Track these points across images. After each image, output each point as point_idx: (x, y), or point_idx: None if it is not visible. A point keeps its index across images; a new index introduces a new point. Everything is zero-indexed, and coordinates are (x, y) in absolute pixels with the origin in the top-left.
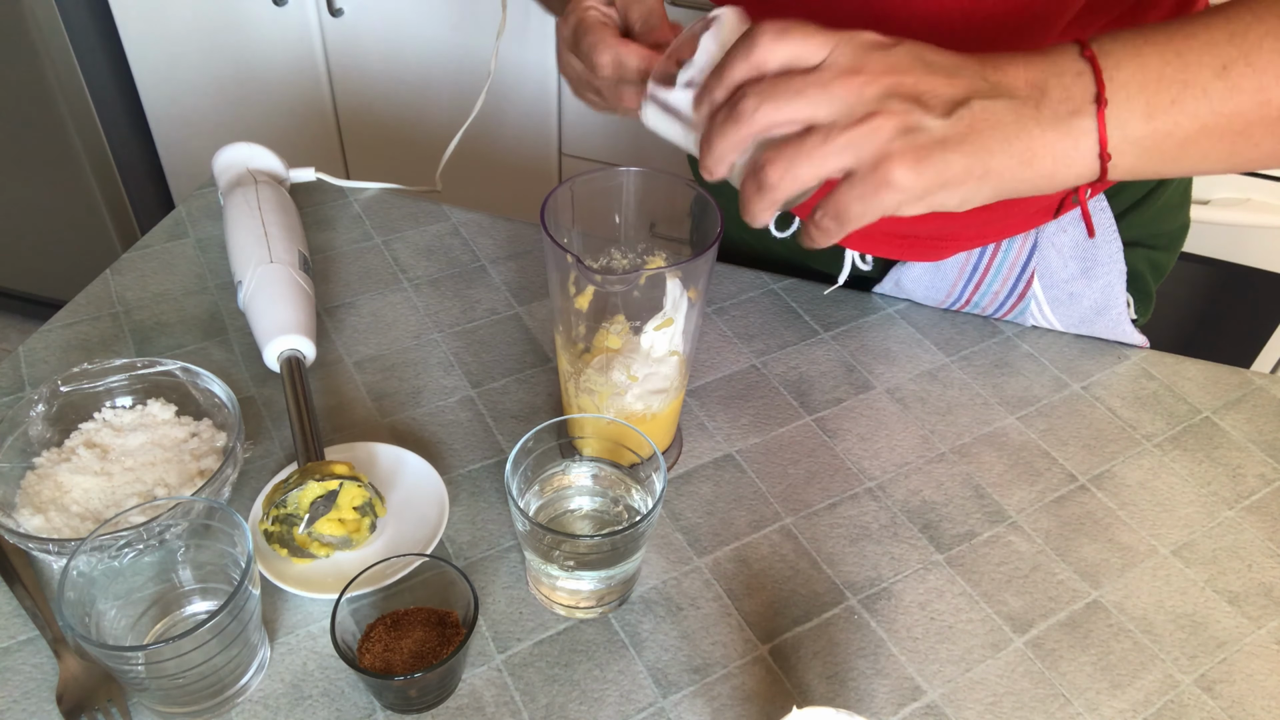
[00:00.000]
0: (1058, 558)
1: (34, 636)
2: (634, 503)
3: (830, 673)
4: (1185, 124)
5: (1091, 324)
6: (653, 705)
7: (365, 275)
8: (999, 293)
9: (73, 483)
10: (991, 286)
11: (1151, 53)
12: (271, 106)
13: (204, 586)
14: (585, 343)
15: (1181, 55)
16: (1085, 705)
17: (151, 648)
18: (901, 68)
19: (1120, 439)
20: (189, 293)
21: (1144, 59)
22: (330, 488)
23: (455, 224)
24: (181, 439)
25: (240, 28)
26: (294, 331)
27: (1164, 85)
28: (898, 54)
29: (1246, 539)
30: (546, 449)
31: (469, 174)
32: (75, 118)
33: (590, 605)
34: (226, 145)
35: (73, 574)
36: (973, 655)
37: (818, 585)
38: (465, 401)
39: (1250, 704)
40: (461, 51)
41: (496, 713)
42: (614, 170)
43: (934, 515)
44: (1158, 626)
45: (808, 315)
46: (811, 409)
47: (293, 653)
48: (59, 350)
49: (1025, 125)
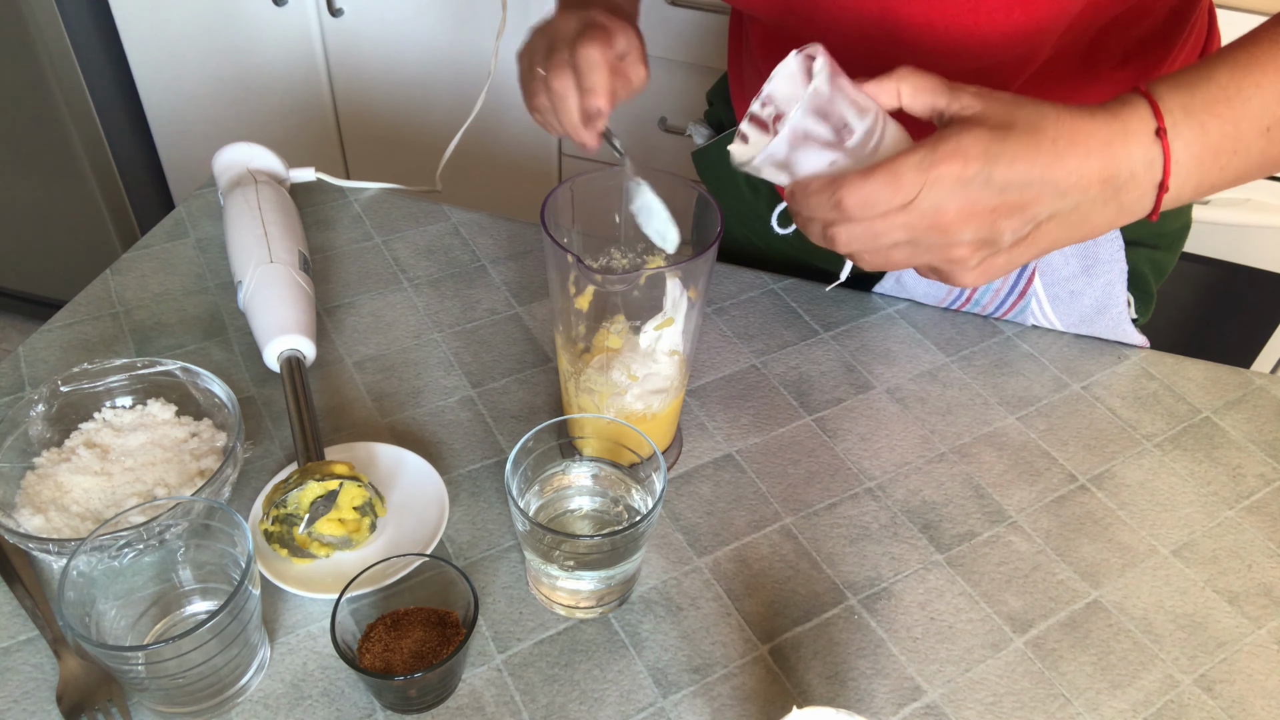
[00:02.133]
0: (1058, 558)
1: (34, 636)
2: (634, 503)
3: (830, 673)
4: (1226, 181)
5: (1092, 323)
6: (653, 705)
7: (365, 275)
8: (1000, 290)
9: (73, 483)
10: (993, 284)
11: (1214, 126)
12: (271, 106)
13: (204, 586)
14: (585, 342)
15: (1238, 125)
16: (1085, 705)
17: (151, 648)
18: (979, 207)
19: (1120, 439)
20: (189, 293)
21: (1207, 133)
22: (330, 488)
23: (455, 224)
24: (181, 439)
25: (240, 28)
26: (294, 331)
27: (1219, 157)
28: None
29: (1246, 539)
30: (546, 449)
31: (469, 174)
32: (75, 118)
33: (590, 605)
34: (226, 145)
35: (73, 574)
36: (973, 655)
37: (818, 585)
38: (465, 401)
39: (1250, 704)
40: (461, 51)
41: (496, 713)
42: (614, 170)
43: (934, 515)
44: (1158, 626)
45: (808, 315)
46: (811, 409)
47: (293, 653)
48: (59, 350)
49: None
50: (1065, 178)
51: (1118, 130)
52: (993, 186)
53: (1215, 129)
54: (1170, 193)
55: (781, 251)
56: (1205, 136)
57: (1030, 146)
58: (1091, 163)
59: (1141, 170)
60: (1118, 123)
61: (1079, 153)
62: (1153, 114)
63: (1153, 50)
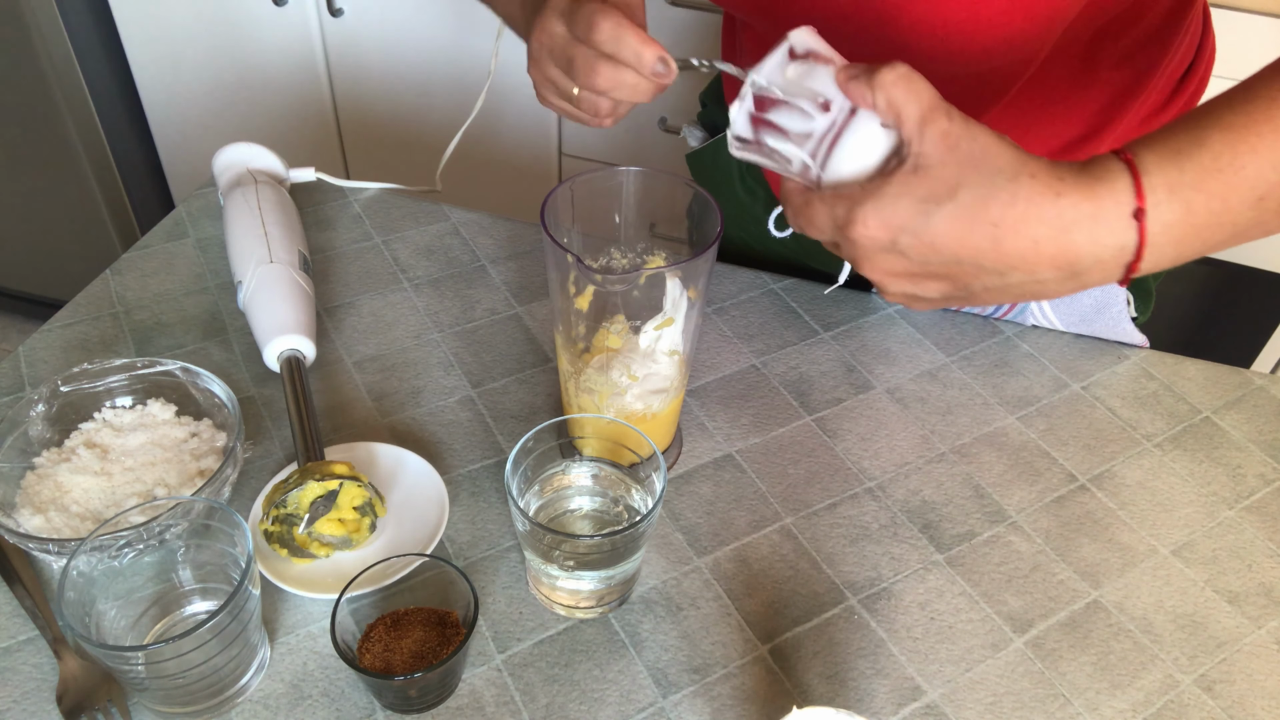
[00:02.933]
0: (1058, 558)
1: (34, 636)
2: (634, 503)
3: (830, 673)
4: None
5: (1091, 322)
6: (653, 705)
7: (365, 275)
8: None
9: (73, 483)
10: None
11: (1201, 204)
12: (271, 106)
13: (204, 586)
14: (585, 342)
15: (1227, 200)
16: (1085, 705)
17: (151, 648)
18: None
19: (1120, 439)
20: (189, 293)
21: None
22: (330, 488)
23: (455, 224)
24: (181, 439)
25: (240, 28)
26: (294, 331)
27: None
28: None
29: (1246, 539)
30: (546, 449)
31: (469, 174)
32: (75, 118)
33: (590, 605)
34: (226, 145)
35: (73, 574)
36: (973, 655)
37: (818, 585)
38: (465, 401)
39: (1250, 704)
40: (461, 51)
41: (496, 713)
42: (614, 170)
43: (934, 515)
44: (1158, 626)
45: (808, 315)
46: (811, 409)
47: (293, 653)
48: (59, 350)
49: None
50: (999, 261)
51: (1086, 213)
52: (911, 258)
53: (1202, 206)
54: (1141, 270)
55: (779, 254)
56: (1190, 216)
57: (963, 225)
58: (1043, 249)
59: (1109, 257)
60: (1088, 204)
61: (1024, 240)
62: (1133, 192)
63: (1149, 51)
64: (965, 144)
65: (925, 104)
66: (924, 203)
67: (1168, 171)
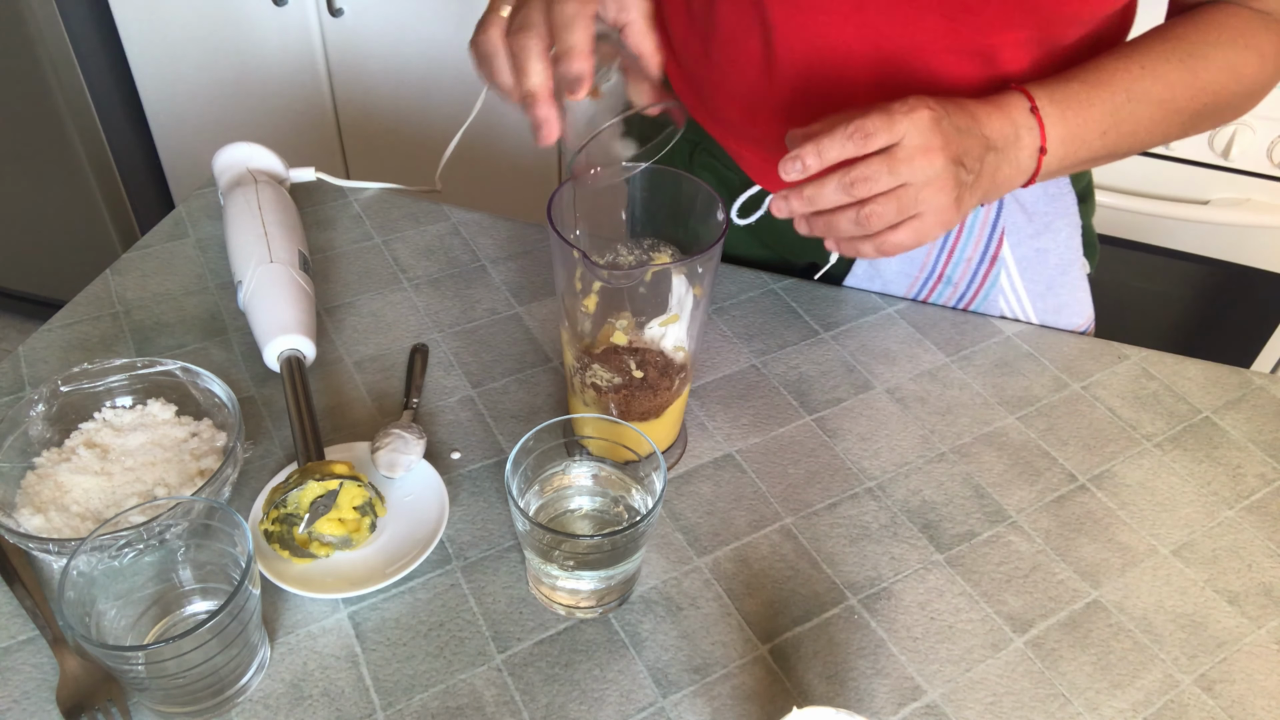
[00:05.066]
0: (1058, 558)
1: (34, 636)
2: (634, 502)
3: (830, 673)
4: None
5: (1058, 289)
6: (653, 705)
7: (365, 275)
8: (972, 259)
9: (73, 483)
10: (964, 254)
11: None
12: (271, 106)
13: (204, 586)
14: (591, 338)
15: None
16: (1085, 705)
17: (151, 648)
18: (950, 140)
19: (1120, 439)
20: (189, 293)
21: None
22: (330, 487)
23: (455, 224)
24: (181, 439)
25: (240, 28)
26: (294, 331)
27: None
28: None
29: (1246, 539)
30: (547, 448)
31: (469, 174)
32: (75, 118)
33: (590, 605)
34: (226, 145)
35: (73, 574)
36: (973, 655)
37: (818, 585)
38: (465, 401)
39: (1250, 704)
40: (461, 51)
41: (496, 712)
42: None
43: (934, 515)
44: (1158, 626)
45: (808, 315)
46: (811, 409)
47: (293, 653)
48: (59, 350)
49: (1002, 172)
50: (989, 129)
51: (1004, 106)
52: (954, 127)
53: (1072, 119)
54: (1047, 155)
55: (758, 256)
56: (1065, 123)
57: (962, 112)
58: (999, 122)
59: (1025, 133)
60: (1005, 100)
61: (990, 117)
62: (1026, 98)
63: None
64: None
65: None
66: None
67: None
